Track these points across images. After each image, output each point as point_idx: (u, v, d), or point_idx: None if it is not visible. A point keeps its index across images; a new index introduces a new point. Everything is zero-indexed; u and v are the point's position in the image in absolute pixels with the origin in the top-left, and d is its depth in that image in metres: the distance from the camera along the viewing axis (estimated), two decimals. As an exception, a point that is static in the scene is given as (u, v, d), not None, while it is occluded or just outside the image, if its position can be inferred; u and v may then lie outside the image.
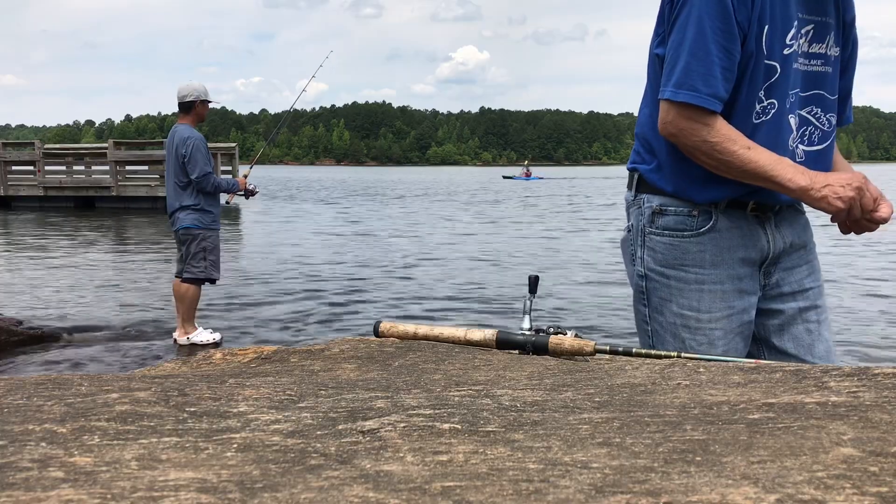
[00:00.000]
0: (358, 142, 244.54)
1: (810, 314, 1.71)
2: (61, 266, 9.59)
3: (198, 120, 5.59)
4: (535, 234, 14.15)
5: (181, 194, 5.45)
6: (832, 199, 1.46)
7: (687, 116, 1.50)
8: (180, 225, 5.46)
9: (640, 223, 1.70)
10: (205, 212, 5.47)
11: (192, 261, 5.50)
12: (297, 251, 11.34)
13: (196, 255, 5.48)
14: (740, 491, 0.54)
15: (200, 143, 5.39)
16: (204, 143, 5.44)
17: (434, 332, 1.55)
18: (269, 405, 0.91)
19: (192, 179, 5.35)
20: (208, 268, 5.51)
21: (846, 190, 1.46)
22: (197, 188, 5.40)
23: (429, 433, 0.76)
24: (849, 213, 1.49)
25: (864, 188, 1.48)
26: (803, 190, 1.47)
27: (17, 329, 5.59)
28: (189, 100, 5.47)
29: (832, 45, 1.61)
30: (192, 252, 5.49)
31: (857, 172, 1.54)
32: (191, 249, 5.49)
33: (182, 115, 5.54)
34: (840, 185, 1.47)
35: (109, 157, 19.61)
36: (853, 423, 0.73)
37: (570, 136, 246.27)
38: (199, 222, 5.44)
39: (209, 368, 1.46)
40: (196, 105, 5.50)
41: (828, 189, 1.47)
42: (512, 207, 22.86)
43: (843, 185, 1.47)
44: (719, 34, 1.47)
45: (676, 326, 1.65)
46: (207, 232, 5.48)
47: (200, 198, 5.44)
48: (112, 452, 0.67)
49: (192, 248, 5.48)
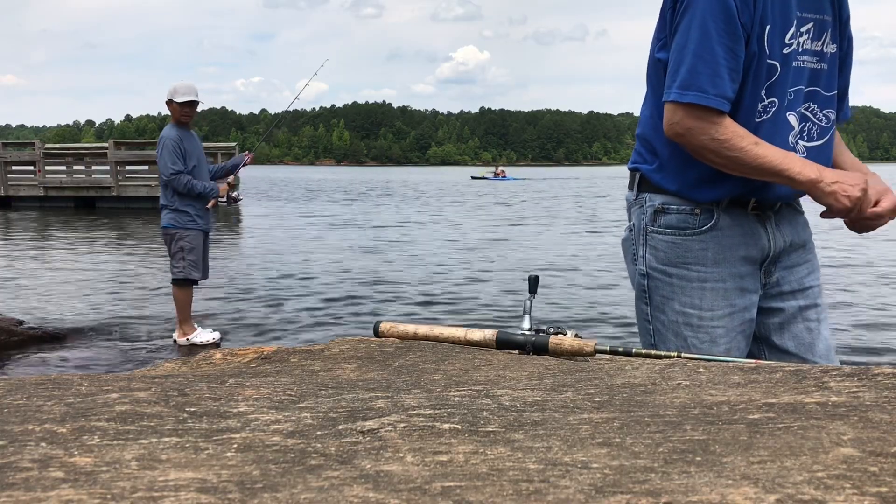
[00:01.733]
0: (358, 142, 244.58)
1: (810, 313, 1.72)
2: (61, 266, 9.59)
3: (175, 120, 5.46)
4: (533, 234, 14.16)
5: (162, 194, 5.46)
6: (840, 196, 1.50)
7: (695, 116, 1.51)
8: (161, 224, 5.49)
9: (642, 222, 1.71)
10: (180, 211, 5.40)
11: (173, 261, 5.52)
12: (297, 251, 11.34)
13: (175, 254, 5.48)
14: (740, 491, 0.54)
15: (169, 142, 5.30)
16: (174, 142, 5.30)
17: (434, 332, 1.55)
18: (269, 405, 0.91)
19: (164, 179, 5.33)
20: (187, 267, 5.44)
21: (854, 189, 1.49)
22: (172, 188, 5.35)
23: (429, 433, 0.76)
24: (852, 211, 1.51)
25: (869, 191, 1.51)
26: (812, 182, 1.50)
27: (17, 329, 5.59)
28: (166, 100, 5.46)
29: (829, 42, 1.62)
30: (172, 252, 5.50)
31: (862, 175, 1.55)
32: (171, 249, 5.50)
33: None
34: (849, 185, 1.50)
35: (110, 157, 19.62)
36: (853, 423, 0.73)
37: (570, 136, 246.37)
38: (175, 221, 5.40)
39: (209, 368, 1.46)
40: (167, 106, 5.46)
41: (837, 186, 1.50)
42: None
43: (852, 185, 1.50)
44: (724, 35, 1.48)
45: (678, 325, 1.66)
46: (184, 231, 5.41)
47: (175, 197, 5.38)
48: (112, 452, 0.67)
49: (172, 248, 5.48)
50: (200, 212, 5.50)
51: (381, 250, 11.54)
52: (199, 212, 5.49)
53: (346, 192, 34.16)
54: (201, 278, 5.64)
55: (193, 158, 5.42)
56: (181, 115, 5.44)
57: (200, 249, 5.55)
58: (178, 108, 5.42)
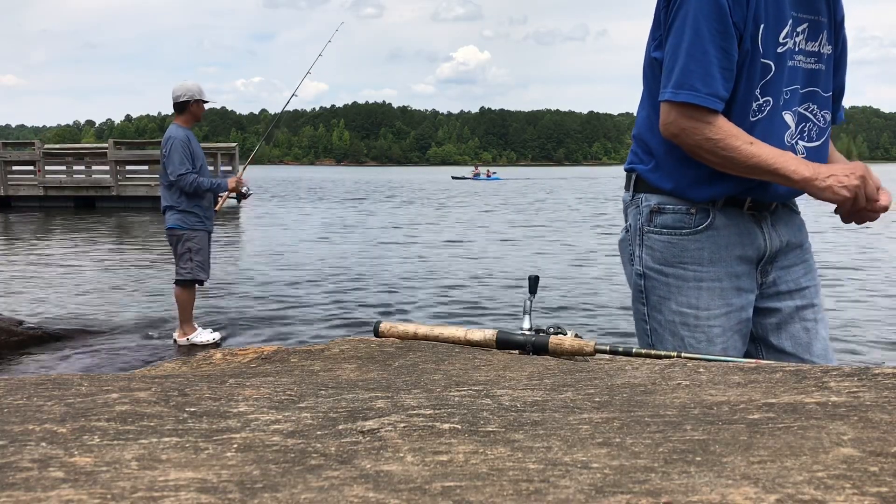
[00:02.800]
0: (358, 142, 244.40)
1: (807, 313, 1.72)
2: (61, 266, 9.59)
3: (193, 120, 5.52)
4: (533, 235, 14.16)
5: (167, 195, 5.44)
6: (837, 188, 1.48)
7: (689, 116, 1.51)
8: (166, 225, 5.48)
9: (639, 222, 1.71)
10: (187, 212, 5.40)
11: (180, 262, 5.51)
12: (297, 251, 11.34)
13: (182, 255, 5.48)
14: (740, 491, 0.54)
15: (178, 143, 5.31)
16: (183, 143, 5.32)
17: (434, 332, 1.55)
18: (269, 405, 0.91)
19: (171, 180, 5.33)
20: (194, 269, 5.45)
21: (851, 179, 1.48)
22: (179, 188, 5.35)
23: (429, 433, 0.76)
24: (854, 202, 1.50)
25: (867, 177, 1.49)
26: (807, 180, 1.49)
27: (17, 329, 5.59)
28: (183, 100, 5.44)
29: (825, 43, 1.63)
30: (179, 253, 5.50)
31: (857, 163, 1.55)
32: (177, 250, 5.50)
33: (176, 115, 5.51)
34: (844, 175, 1.48)
35: (109, 157, 19.62)
36: (853, 423, 0.73)
37: (570, 136, 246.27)
38: (182, 223, 5.41)
39: (209, 368, 1.46)
40: (190, 105, 5.46)
41: (832, 179, 1.48)
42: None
43: (847, 175, 1.48)
44: (716, 35, 1.48)
45: (675, 324, 1.66)
46: (192, 233, 5.42)
47: (183, 198, 5.39)
48: (112, 452, 0.67)
49: (179, 249, 5.49)
50: (207, 213, 5.52)
51: (381, 250, 11.54)
52: (206, 213, 5.50)
53: (346, 192, 34.17)
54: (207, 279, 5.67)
55: (199, 159, 5.45)
56: (200, 116, 5.55)
57: (207, 250, 5.57)
58: (202, 107, 5.51)
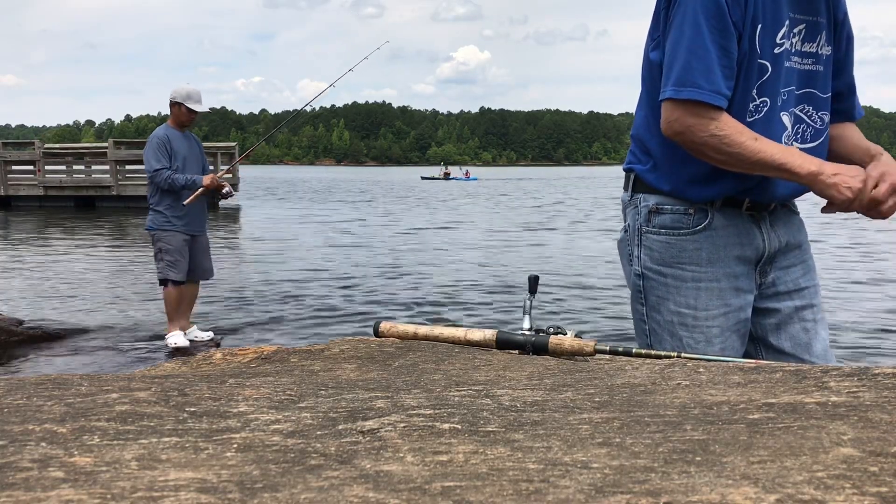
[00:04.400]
0: (358, 142, 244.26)
1: (806, 313, 1.72)
2: (61, 266, 9.59)
3: (176, 122, 5.49)
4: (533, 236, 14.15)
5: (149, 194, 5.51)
6: (842, 187, 1.50)
7: (693, 113, 1.51)
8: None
9: (637, 223, 1.71)
10: (157, 212, 5.42)
11: (154, 261, 5.59)
12: (297, 251, 11.34)
13: (155, 255, 5.54)
14: (740, 491, 0.54)
15: (154, 141, 5.35)
16: (160, 141, 5.33)
17: (434, 332, 1.55)
18: (269, 405, 0.91)
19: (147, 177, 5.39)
20: (164, 268, 5.45)
21: (855, 181, 1.49)
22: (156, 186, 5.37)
23: (429, 433, 0.76)
24: (851, 203, 1.51)
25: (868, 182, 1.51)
26: (813, 175, 1.50)
27: (17, 329, 5.59)
28: (170, 101, 5.48)
29: (824, 44, 1.63)
30: (154, 252, 5.56)
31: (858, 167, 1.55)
32: (153, 250, 5.56)
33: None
34: (850, 176, 1.50)
35: (109, 157, 19.62)
36: (853, 423, 0.73)
37: (570, 136, 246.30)
38: (152, 223, 5.45)
39: (209, 368, 1.46)
40: (172, 107, 5.48)
41: (839, 178, 1.50)
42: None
43: (852, 176, 1.50)
44: (716, 33, 1.49)
45: (674, 324, 1.66)
46: (161, 232, 5.43)
47: (156, 198, 5.43)
48: (112, 452, 0.67)
49: (154, 249, 5.55)
50: (178, 213, 5.44)
51: (381, 250, 11.54)
52: (176, 213, 5.43)
53: (347, 192, 34.17)
54: (182, 280, 5.51)
55: (179, 159, 5.40)
56: (186, 120, 5.50)
57: (180, 251, 5.48)
58: (185, 112, 5.46)
